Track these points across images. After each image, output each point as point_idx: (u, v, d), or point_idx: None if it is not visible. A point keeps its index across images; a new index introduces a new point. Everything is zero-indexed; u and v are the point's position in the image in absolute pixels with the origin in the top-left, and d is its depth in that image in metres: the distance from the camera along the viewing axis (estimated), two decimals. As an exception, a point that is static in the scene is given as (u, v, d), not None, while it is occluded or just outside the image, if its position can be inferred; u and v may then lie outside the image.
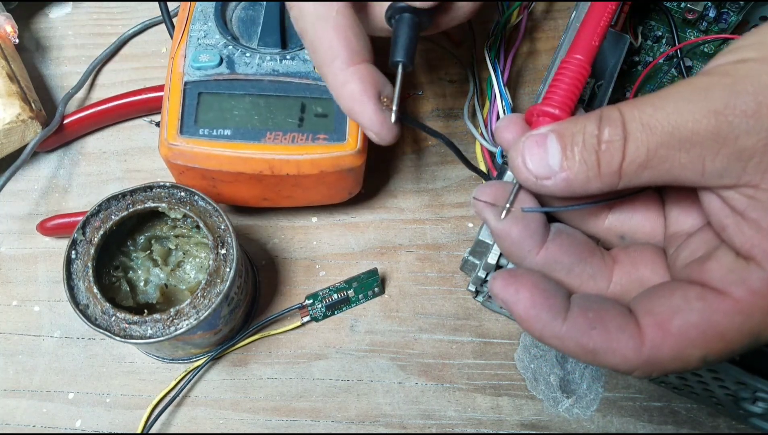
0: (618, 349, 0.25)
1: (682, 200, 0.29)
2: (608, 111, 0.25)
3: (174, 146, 0.39)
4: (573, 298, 0.27)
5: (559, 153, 0.26)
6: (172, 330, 0.36)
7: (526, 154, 0.27)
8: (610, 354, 0.25)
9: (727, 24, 0.44)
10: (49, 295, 0.45)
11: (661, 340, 0.25)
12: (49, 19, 0.53)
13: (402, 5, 0.30)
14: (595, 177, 0.25)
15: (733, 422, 0.41)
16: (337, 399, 0.42)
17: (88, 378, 0.43)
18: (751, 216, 0.24)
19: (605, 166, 0.25)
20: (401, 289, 0.45)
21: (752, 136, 0.23)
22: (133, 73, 0.51)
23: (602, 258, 0.30)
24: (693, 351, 0.25)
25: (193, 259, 0.43)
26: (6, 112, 0.43)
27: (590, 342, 0.25)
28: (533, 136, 0.27)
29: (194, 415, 0.42)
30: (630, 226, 0.30)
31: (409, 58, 0.30)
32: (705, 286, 0.26)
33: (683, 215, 0.29)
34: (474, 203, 0.29)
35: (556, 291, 0.27)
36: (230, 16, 0.43)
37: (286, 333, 0.44)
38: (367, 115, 0.29)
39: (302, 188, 0.41)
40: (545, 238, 0.29)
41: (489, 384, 0.43)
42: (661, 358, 0.25)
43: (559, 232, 0.29)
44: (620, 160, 0.25)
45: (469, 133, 0.46)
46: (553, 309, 0.26)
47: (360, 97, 0.29)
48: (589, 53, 0.30)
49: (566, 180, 0.26)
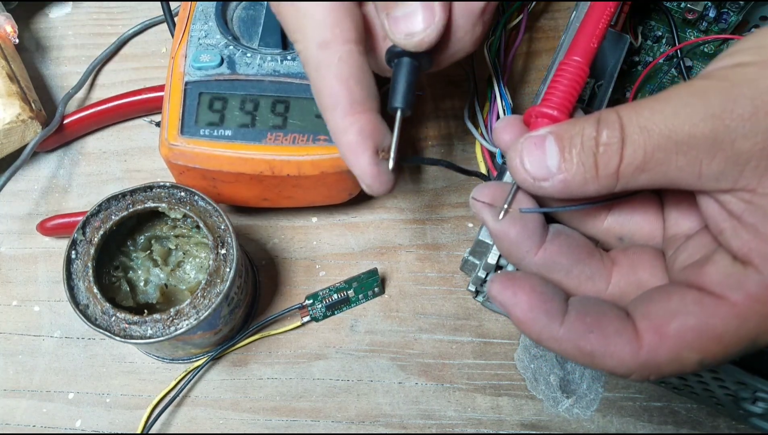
0: (615, 352, 0.25)
1: (680, 203, 0.29)
2: (606, 114, 0.26)
3: (174, 146, 0.39)
4: (571, 301, 0.27)
5: (557, 155, 0.26)
6: (172, 330, 0.36)
7: (524, 155, 0.27)
8: (607, 357, 0.26)
9: (727, 24, 0.44)
10: (49, 295, 0.45)
11: (658, 343, 0.25)
12: (49, 19, 0.53)
13: (399, 50, 0.30)
14: (593, 179, 0.25)
15: (733, 422, 0.42)
16: (337, 399, 0.42)
17: (88, 378, 0.43)
18: (748, 220, 0.24)
19: (603, 169, 0.25)
20: (401, 289, 0.45)
21: (749, 140, 0.23)
22: (133, 73, 0.51)
23: (601, 259, 0.30)
24: (690, 355, 0.25)
25: (193, 259, 0.43)
26: (6, 112, 0.43)
27: (588, 345, 0.26)
28: (531, 137, 0.27)
29: (194, 415, 0.42)
30: (629, 227, 0.30)
31: (407, 104, 0.30)
32: (702, 289, 0.26)
33: (682, 218, 0.29)
34: (472, 203, 0.29)
35: (554, 294, 0.27)
36: (231, 16, 0.43)
37: (286, 333, 0.44)
38: (360, 167, 0.29)
39: (303, 189, 0.41)
40: (544, 239, 0.29)
41: (489, 384, 0.43)
42: (658, 361, 0.25)
43: (558, 233, 0.29)
44: (618, 162, 0.25)
45: (469, 133, 0.46)
46: (551, 312, 0.26)
47: (355, 148, 0.28)
48: (588, 55, 0.30)
49: (564, 181, 0.26)
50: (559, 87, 0.29)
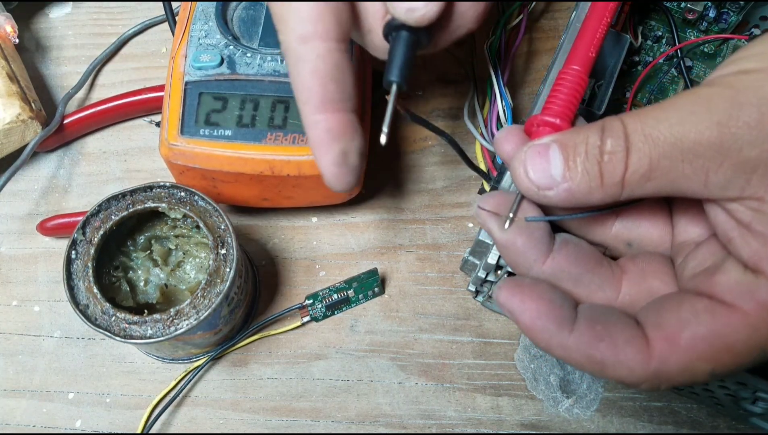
0: (625, 361, 0.25)
1: (688, 209, 0.29)
2: (610, 122, 0.25)
3: (174, 146, 0.39)
4: (580, 309, 0.27)
5: (561, 163, 0.26)
6: (172, 330, 0.36)
7: (528, 164, 0.26)
8: (617, 367, 0.25)
9: (727, 24, 0.44)
10: (49, 295, 0.45)
11: (669, 353, 0.25)
12: (49, 19, 0.53)
13: (397, 23, 0.29)
14: (598, 187, 0.25)
15: (733, 422, 0.42)
16: (337, 399, 0.42)
17: (88, 378, 0.43)
18: (756, 229, 0.24)
19: (608, 177, 0.25)
20: (401, 289, 0.45)
21: (756, 148, 0.23)
22: (133, 73, 0.51)
23: (610, 268, 0.29)
24: (701, 365, 0.25)
25: (193, 259, 0.43)
26: (6, 112, 0.43)
27: (598, 354, 0.25)
28: (535, 146, 0.27)
29: (194, 415, 0.42)
30: (637, 233, 0.30)
31: (403, 78, 0.29)
32: (713, 298, 0.25)
33: (691, 225, 0.29)
34: (477, 213, 0.29)
35: (563, 301, 0.27)
36: (231, 16, 0.43)
37: (286, 333, 0.44)
38: (322, 164, 0.29)
39: (303, 189, 0.41)
40: (550, 248, 0.28)
41: (489, 384, 0.43)
42: (669, 371, 0.25)
43: (566, 242, 0.29)
44: (623, 171, 0.25)
45: (469, 133, 0.46)
46: (560, 320, 0.26)
47: (320, 146, 0.28)
48: (587, 64, 0.29)
49: (569, 190, 0.26)
50: (560, 96, 0.29)
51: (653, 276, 0.29)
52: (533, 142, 0.27)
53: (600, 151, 0.25)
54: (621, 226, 0.30)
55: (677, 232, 0.29)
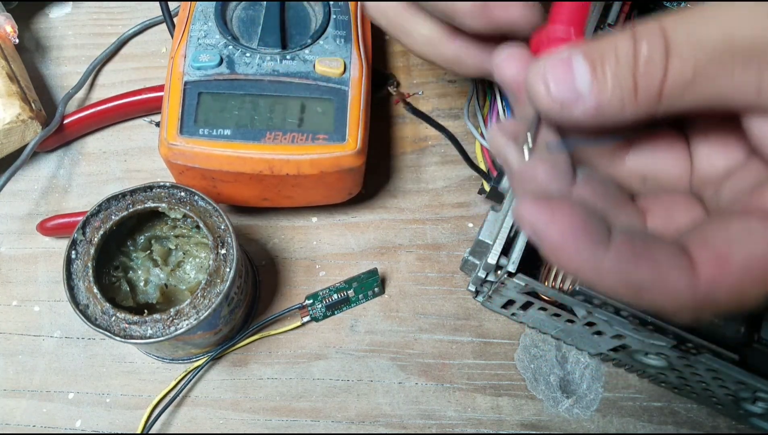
0: (669, 283, 0.21)
1: (710, 136, 0.26)
2: (645, 25, 0.22)
3: (174, 146, 0.39)
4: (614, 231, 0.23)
5: (588, 74, 0.22)
6: (172, 330, 0.36)
7: (549, 76, 0.22)
8: (658, 290, 0.22)
9: (727, 24, 0.44)
10: (49, 295, 0.45)
11: (720, 275, 0.22)
12: (49, 19, 0.53)
13: None
14: (631, 101, 0.22)
15: (733, 422, 0.41)
16: (337, 399, 0.42)
17: (88, 378, 0.43)
18: None
19: (643, 88, 0.21)
20: (401, 289, 0.45)
21: None
22: (133, 73, 0.51)
23: (635, 207, 0.26)
24: (755, 288, 0.22)
25: (193, 259, 0.43)
26: (6, 112, 0.43)
27: (636, 275, 0.21)
28: (555, 57, 0.23)
29: (194, 415, 0.42)
30: (653, 165, 0.26)
31: None
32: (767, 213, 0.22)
33: (714, 153, 0.26)
34: (491, 139, 0.25)
35: (598, 219, 0.23)
36: (230, 16, 0.43)
37: (286, 333, 0.44)
38: None
39: (302, 188, 0.41)
40: (573, 181, 0.25)
41: (489, 384, 0.43)
42: (719, 296, 0.22)
43: (590, 177, 0.25)
44: (661, 79, 0.21)
45: (469, 133, 0.46)
46: (594, 236, 0.22)
47: None
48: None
49: (597, 105, 0.22)
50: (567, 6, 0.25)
51: (679, 213, 0.26)
52: (551, 55, 0.23)
53: (634, 57, 0.21)
54: (635, 159, 0.26)
55: (698, 164, 0.26)
